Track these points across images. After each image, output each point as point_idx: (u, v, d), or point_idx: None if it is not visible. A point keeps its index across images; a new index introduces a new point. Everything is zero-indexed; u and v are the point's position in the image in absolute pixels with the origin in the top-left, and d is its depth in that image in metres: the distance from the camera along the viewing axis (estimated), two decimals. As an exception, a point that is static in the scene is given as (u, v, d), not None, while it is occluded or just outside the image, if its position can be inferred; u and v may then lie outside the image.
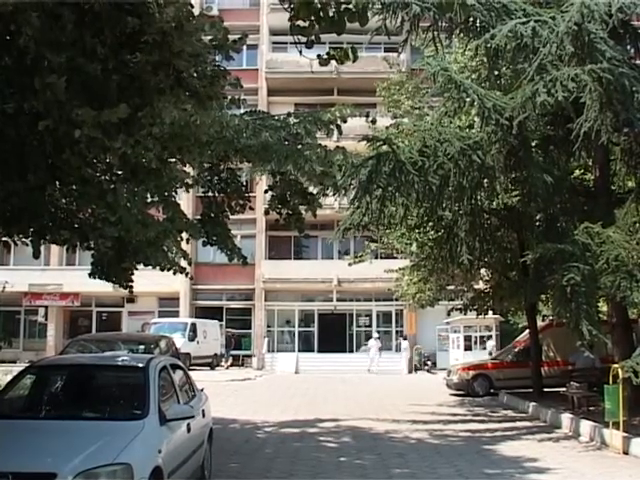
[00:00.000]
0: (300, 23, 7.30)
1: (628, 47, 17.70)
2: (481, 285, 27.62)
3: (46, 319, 48.74)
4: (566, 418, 17.50)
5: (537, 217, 20.04)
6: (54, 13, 7.74)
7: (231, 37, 9.38)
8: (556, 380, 23.49)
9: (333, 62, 7.90)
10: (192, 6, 8.78)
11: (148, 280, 24.25)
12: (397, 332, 47.40)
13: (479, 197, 18.67)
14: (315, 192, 16.69)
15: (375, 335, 43.61)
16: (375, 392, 28.95)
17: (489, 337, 42.30)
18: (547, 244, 16.38)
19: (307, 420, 19.28)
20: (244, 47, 10.30)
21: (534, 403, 20.94)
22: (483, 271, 26.13)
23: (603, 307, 19.73)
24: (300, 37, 7.37)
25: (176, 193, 15.21)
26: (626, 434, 14.11)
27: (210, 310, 47.11)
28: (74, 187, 11.46)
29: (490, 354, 39.67)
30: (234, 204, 16.66)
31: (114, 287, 16.61)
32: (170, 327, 38.33)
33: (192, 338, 40.38)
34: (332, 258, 47.27)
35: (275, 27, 45.41)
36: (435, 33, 17.48)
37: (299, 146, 15.23)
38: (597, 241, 15.90)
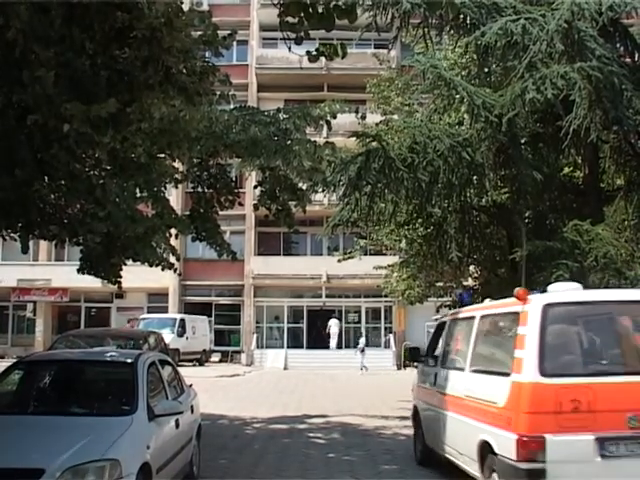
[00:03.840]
0: (289, 19, 7.31)
1: (617, 45, 17.70)
2: (470, 282, 27.65)
3: (35, 314, 48.64)
4: (554, 415, 17.51)
5: (526, 214, 20.07)
6: (43, 7, 7.72)
7: (221, 33, 9.39)
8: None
9: (323, 58, 7.91)
10: (182, 2, 8.78)
11: (137, 276, 24.21)
12: (386, 329, 47.51)
13: (468, 194, 18.65)
14: (304, 188, 16.70)
15: None
16: (364, 388, 28.99)
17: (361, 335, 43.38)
18: (536, 241, 16.39)
19: (296, 416, 19.29)
20: (234, 43, 10.30)
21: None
22: (472, 268, 26.13)
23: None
24: (290, 33, 7.37)
25: (165, 188, 15.23)
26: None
27: (199, 306, 47.16)
28: (62, 182, 11.44)
29: (362, 351, 40.12)
30: (223, 200, 16.66)
31: (103, 283, 16.61)
32: (159, 323, 38.35)
33: (181, 334, 40.41)
34: (321, 254, 47.32)
35: (265, 23, 45.41)
36: (425, 30, 17.46)
37: (288, 141, 15.24)
38: (586, 238, 15.92)
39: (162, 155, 12.64)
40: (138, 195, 13.99)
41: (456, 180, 17.18)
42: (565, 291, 9.25)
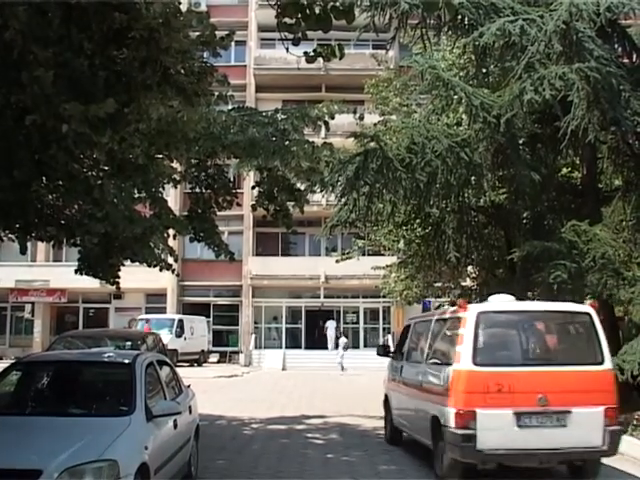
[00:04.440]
0: (287, 20, 7.31)
1: (615, 46, 17.72)
2: (468, 282, 27.62)
3: (33, 315, 48.59)
4: (552, 415, 17.49)
5: (524, 215, 20.08)
6: (41, 7, 7.71)
7: (219, 33, 9.38)
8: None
9: (321, 58, 7.91)
10: (180, 2, 8.77)
11: (135, 276, 24.19)
12: (384, 329, 47.48)
13: (466, 194, 18.68)
14: (302, 188, 16.70)
15: None
16: (362, 388, 28.96)
17: (342, 335, 43.31)
18: (534, 242, 16.41)
19: (294, 417, 19.28)
20: (232, 43, 10.30)
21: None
22: (470, 268, 26.13)
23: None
24: (287, 34, 7.37)
25: (163, 189, 15.24)
26: (612, 431, 14.11)
27: (197, 306, 47.14)
28: (61, 183, 11.43)
29: (345, 349, 40.41)
30: (221, 200, 16.66)
31: (101, 283, 16.60)
32: (157, 323, 38.34)
33: (179, 334, 40.38)
34: (319, 255, 47.32)
35: (263, 23, 45.36)
36: (423, 30, 17.46)
37: (286, 142, 15.24)
38: (584, 239, 15.94)
39: (160, 156, 12.63)
40: (136, 196, 13.99)
41: (454, 180, 17.19)
42: (498, 302, 11.95)
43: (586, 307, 12.01)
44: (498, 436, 10.42)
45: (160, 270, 15.93)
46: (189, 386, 11.59)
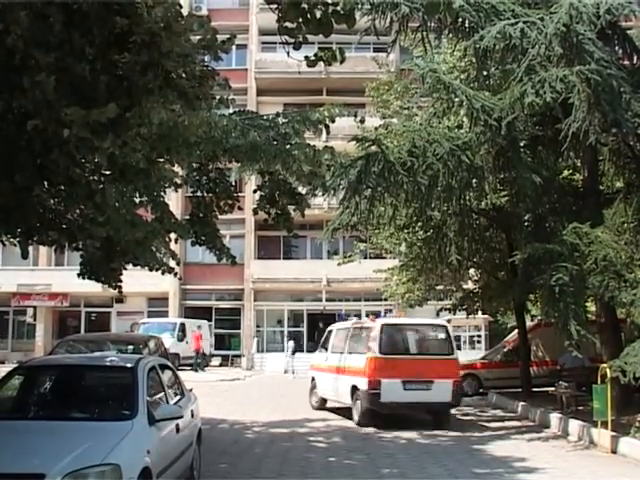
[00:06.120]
0: (288, 24, 7.31)
1: (616, 48, 17.75)
2: (470, 285, 27.64)
3: (35, 319, 48.57)
4: (555, 418, 17.55)
5: (526, 217, 20.09)
6: (42, 12, 7.72)
7: (220, 37, 9.38)
8: (545, 380, 23.54)
9: (322, 62, 7.92)
10: (181, 6, 8.76)
11: (137, 280, 24.20)
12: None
13: (468, 197, 18.69)
14: (304, 192, 16.72)
15: None
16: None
17: (291, 338, 43.87)
18: (536, 244, 16.43)
19: (296, 420, 19.28)
20: (233, 47, 10.29)
21: (523, 403, 20.96)
22: (472, 271, 26.18)
23: (591, 307, 19.75)
24: (288, 38, 7.37)
25: (165, 193, 15.22)
26: (614, 433, 14.16)
27: (199, 310, 47.07)
28: (62, 187, 11.42)
29: (293, 354, 41.05)
30: (223, 204, 16.65)
31: (103, 287, 16.61)
32: (159, 327, 38.27)
33: (181, 338, 40.37)
34: (321, 258, 47.25)
35: (264, 27, 45.28)
36: (424, 33, 17.48)
37: (287, 146, 15.23)
38: (585, 241, 15.95)
39: (161, 160, 12.62)
40: (138, 200, 13.98)
41: (455, 183, 17.21)
42: (395, 318, 24.48)
43: (444, 321, 21.15)
44: (392, 394, 17.46)
45: (162, 274, 15.97)
46: (191, 390, 11.60)
